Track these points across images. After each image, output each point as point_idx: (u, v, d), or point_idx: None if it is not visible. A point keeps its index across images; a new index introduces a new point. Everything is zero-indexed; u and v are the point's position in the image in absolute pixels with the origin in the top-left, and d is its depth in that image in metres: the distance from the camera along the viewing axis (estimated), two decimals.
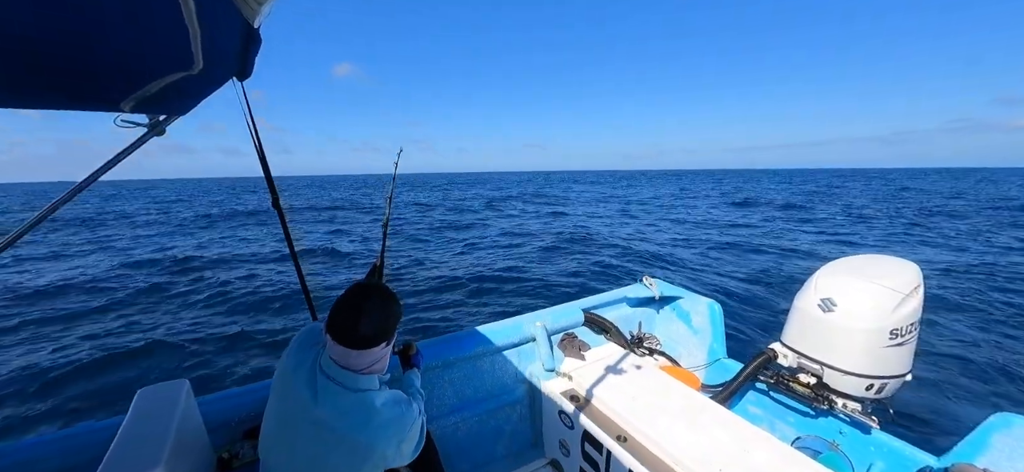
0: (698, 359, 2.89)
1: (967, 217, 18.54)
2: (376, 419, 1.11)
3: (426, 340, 2.37)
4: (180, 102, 1.45)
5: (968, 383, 4.59)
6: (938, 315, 6.25)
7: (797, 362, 2.25)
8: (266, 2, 0.79)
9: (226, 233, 16.21)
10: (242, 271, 9.80)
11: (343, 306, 1.11)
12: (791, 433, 2.28)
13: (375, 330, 1.12)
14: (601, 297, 3.02)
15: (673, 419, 1.76)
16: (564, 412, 2.02)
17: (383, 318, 1.14)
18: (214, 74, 1.18)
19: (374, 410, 1.12)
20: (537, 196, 36.54)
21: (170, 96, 1.31)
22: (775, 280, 8.40)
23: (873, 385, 2.02)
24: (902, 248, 11.82)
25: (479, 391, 2.39)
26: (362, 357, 1.12)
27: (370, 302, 1.12)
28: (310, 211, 25.87)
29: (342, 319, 1.10)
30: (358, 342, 1.10)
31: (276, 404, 1.19)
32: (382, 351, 1.16)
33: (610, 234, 14.58)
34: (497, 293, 8.05)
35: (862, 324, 2.00)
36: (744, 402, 2.56)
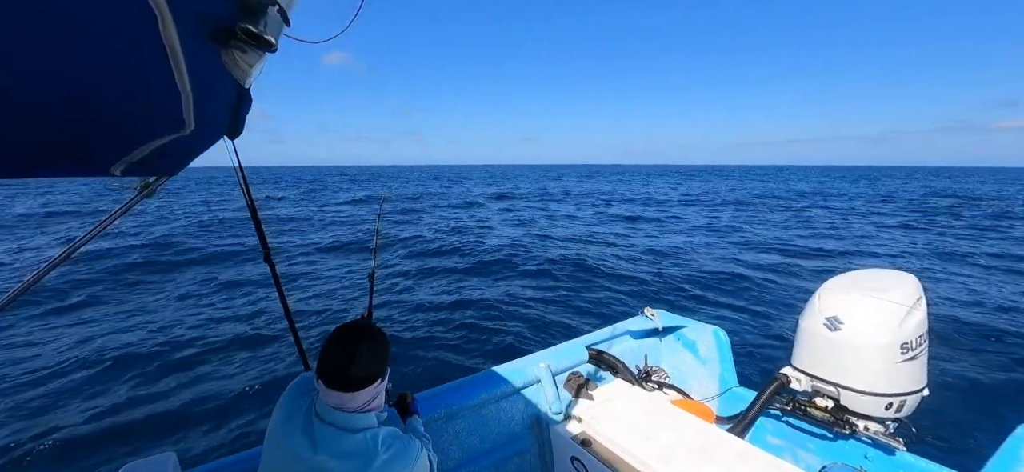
0: (710, 390, 2.80)
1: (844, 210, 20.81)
2: (380, 456, 1.08)
3: (424, 391, 2.28)
4: (171, 163, 1.44)
5: (982, 394, 4.50)
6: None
7: (812, 385, 2.18)
8: (256, 64, 0.79)
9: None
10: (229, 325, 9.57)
11: (332, 351, 1.10)
12: (815, 462, 2.19)
13: (368, 370, 1.10)
14: (603, 332, 2.96)
15: (692, 457, 1.68)
16: (577, 458, 1.93)
17: (374, 356, 1.13)
18: (205, 134, 1.18)
19: (376, 447, 1.09)
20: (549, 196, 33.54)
21: (161, 158, 1.31)
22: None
23: (892, 404, 1.95)
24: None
25: (486, 442, 2.28)
26: (357, 398, 1.10)
27: (359, 343, 1.11)
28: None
29: (333, 364, 1.08)
30: (352, 384, 1.08)
31: (270, 460, 1.13)
32: (377, 388, 1.15)
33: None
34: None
35: (872, 340, 1.95)
36: (762, 432, 2.47)
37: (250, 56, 0.73)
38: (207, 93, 0.87)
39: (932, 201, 27.23)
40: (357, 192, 38.40)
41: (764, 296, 8.24)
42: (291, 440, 1.07)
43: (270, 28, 0.68)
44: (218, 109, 1.02)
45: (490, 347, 6.45)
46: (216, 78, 0.79)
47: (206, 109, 0.96)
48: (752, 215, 20.63)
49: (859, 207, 23.85)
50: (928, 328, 1.99)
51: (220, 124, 1.16)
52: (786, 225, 17.51)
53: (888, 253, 12.31)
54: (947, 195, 33.38)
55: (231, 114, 1.10)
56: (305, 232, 16.31)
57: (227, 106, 1.03)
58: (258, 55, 0.74)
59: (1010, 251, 12.15)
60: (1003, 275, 9.51)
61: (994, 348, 5.64)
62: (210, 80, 0.81)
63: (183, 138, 1.12)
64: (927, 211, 22.04)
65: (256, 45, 0.70)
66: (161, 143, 1.14)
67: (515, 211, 22.69)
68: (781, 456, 1.69)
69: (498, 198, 30.33)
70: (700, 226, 17.42)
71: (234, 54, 0.71)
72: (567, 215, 21.12)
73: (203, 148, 1.35)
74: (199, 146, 1.31)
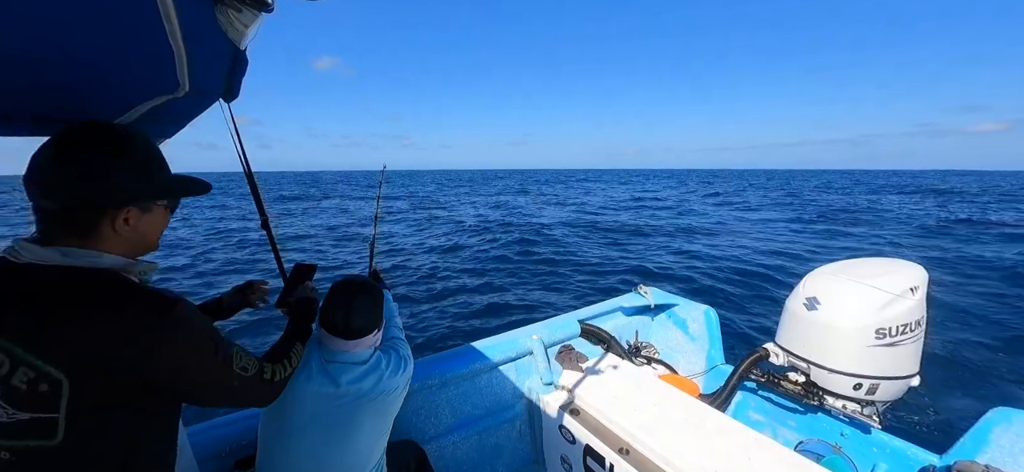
0: (696, 366, 2.87)
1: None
2: (385, 371, 1.28)
3: (420, 359, 2.33)
4: (165, 126, 1.43)
5: (963, 378, 4.64)
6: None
7: (787, 361, 2.26)
8: (252, 24, 0.78)
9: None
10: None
11: (334, 302, 1.25)
12: (793, 437, 2.27)
13: (367, 321, 1.26)
14: (597, 307, 3.01)
15: (675, 429, 1.74)
16: (564, 427, 1.99)
17: (373, 309, 1.28)
18: (200, 97, 1.16)
19: (380, 365, 1.28)
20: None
21: (156, 120, 1.29)
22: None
23: (861, 385, 2.01)
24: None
25: (477, 408, 2.35)
26: (358, 345, 1.25)
27: (358, 296, 1.26)
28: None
29: (336, 316, 1.23)
30: (352, 334, 1.23)
31: (287, 414, 1.22)
32: (374, 338, 1.30)
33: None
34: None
35: (844, 322, 2.01)
36: (745, 408, 2.55)
37: (245, 16, 0.72)
38: (201, 52, 0.86)
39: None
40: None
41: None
42: (310, 384, 1.21)
43: None
44: (213, 70, 1.01)
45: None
46: (210, 37, 0.78)
47: (200, 69, 0.94)
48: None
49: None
50: (922, 319, 1.99)
51: (215, 86, 1.14)
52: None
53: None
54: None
55: (226, 76, 1.08)
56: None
57: (222, 67, 1.01)
58: (253, 15, 0.73)
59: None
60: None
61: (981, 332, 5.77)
62: (204, 39, 0.80)
63: (177, 100, 1.11)
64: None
65: (251, 4, 0.69)
66: (155, 104, 1.13)
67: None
68: (761, 431, 1.75)
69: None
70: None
71: (228, 13, 0.70)
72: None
73: (198, 111, 1.33)
74: (194, 108, 1.29)
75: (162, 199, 0.93)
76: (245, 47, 0.89)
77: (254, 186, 1.56)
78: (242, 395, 0.98)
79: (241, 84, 1.15)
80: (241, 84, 1.15)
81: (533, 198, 31.97)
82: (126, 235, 0.86)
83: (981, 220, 17.49)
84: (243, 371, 0.96)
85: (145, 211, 0.89)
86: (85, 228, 0.82)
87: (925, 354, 2.05)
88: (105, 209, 0.83)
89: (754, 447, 1.62)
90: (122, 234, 0.85)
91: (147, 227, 0.91)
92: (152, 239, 0.95)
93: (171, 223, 1.02)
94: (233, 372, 0.93)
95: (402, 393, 1.35)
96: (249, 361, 0.98)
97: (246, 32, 0.78)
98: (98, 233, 0.83)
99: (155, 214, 0.92)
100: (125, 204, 0.84)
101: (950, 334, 5.74)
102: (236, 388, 0.95)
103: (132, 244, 0.89)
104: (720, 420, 1.80)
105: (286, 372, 1.10)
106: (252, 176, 1.54)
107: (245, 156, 1.46)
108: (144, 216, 0.89)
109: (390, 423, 1.37)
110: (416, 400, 2.20)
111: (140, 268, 0.89)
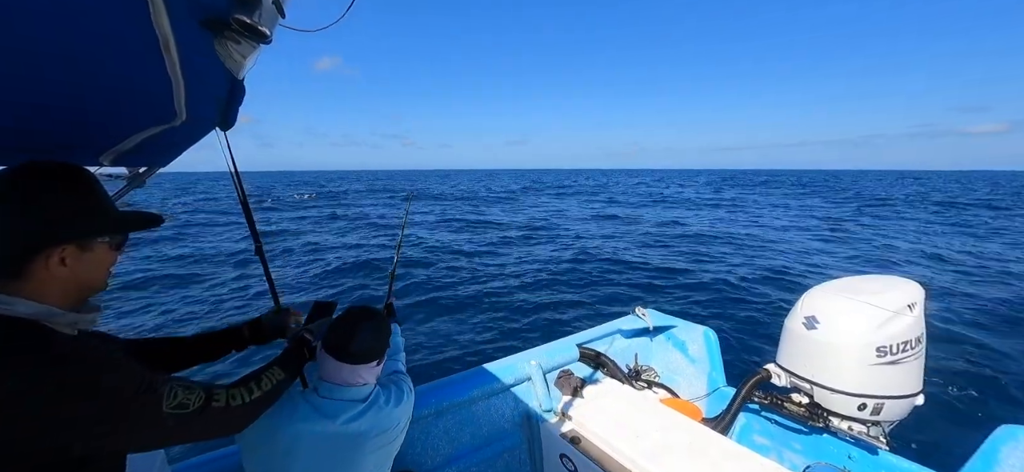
0: (698, 389, 2.83)
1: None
2: (383, 407, 1.24)
3: (416, 387, 2.28)
4: (161, 154, 1.43)
5: (969, 396, 4.59)
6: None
7: (790, 381, 2.23)
8: (251, 55, 0.79)
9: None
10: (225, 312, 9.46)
11: (338, 325, 1.23)
12: (800, 461, 2.22)
13: (368, 347, 1.22)
14: (594, 331, 2.98)
15: (680, 455, 1.70)
16: (566, 455, 1.94)
17: (375, 337, 1.25)
18: (197, 125, 1.17)
19: (379, 399, 1.24)
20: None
21: (151, 148, 1.29)
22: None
23: (866, 404, 1.98)
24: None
25: (476, 438, 2.29)
26: (355, 373, 1.21)
27: (364, 322, 1.24)
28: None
29: (338, 337, 1.21)
30: (350, 357, 1.19)
31: (279, 457, 1.14)
32: (373, 370, 1.26)
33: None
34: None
35: (845, 341, 1.99)
36: (750, 432, 2.50)
37: (244, 47, 0.72)
38: (199, 83, 0.86)
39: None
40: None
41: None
42: (306, 425, 1.15)
43: (264, 19, 0.68)
44: (210, 100, 1.02)
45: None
46: (208, 68, 0.79)
47: (198, 100, 0.95)
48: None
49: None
50: (921, 335, 1.99)
51: (212, 115, 1.15)
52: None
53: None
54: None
55: (223, 105, 1.09)
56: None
57: (219, 97, 1.02)
58: (252, 46, 0.73)
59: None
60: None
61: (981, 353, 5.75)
62: (202, 70, 0.80)
63: (174, 129, 1.11)
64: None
65: (250, 36, 0.69)
66: (151, 133, 1.13)
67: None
68: (767, 455, 1.72)
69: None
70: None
71: (227, 45, 0.70)
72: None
73: (195, 139, 1.34)
74: (191, 137, 1.30)
75: (103, 235, 0.83)
76: (242, 77, 0.89)
77: (248, 213, 1.56)
78: (189, 434, 0.85)
79: (238, 113, 1.16)
80: (238, 113, 1.16)
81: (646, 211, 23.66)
82: (62, 277, 0.77)
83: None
84: (181, 408, 0.82)
85: (84, 249, 0.79)
86: (13, 270, 0.74)
87: (927, 372, 2.03)
88: (36, 248, 0.74)
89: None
90: (57, 276, 0.76)
91: (87, 268, 0.81)
92: (95, 281, 0.85)
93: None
94: (162, 413, 0.79)
95: (404, 428, 1.31)
96: (191, 395, 0.85)
97: (244, 63, 0.79)
98: (28, 274, 0.74)
99: (97, 253, 0.82)
100: (59, 242, 0.75)
101: (951, 350, 5.73)
102: (171, 429, 0.81)
103: (70, 287, 0.79)
104: (725, 445, 1.76)
105: (251, 395, 0.98)
106: (247, 203, 1.53)
107: (240, 184, 1.46)
108: (83, 255, 0.79)
109: (391, 460, 1.33)
110: (413, 431, 2.14)
111: (70, 319, 0.78)
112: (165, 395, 0.81)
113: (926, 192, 42.75)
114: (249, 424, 0.99)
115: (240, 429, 0.98)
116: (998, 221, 19.44)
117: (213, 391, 0.91)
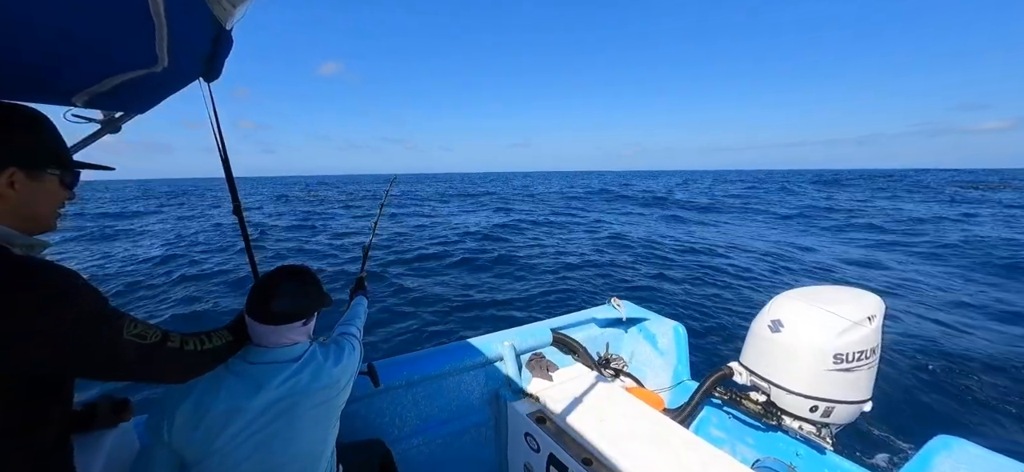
0: (663, 381, 2.93)
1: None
2: (324, 363, 1.19)
3: (387, 359, 2.30)
4: (139, 100, 1.38)
5: (912, 405, 4.88)
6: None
7: (750, 380, 2.34)
8: (240, 3, 0.77)
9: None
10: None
11: (261, 285, 1.16)
12: (751, 455, 2.34)
13: (292, 306, 1.15)
14: (570, 317, 3.04)
15: (639, 443, 1.77)
16: (530, 434, 2.00)
17: (300, 294, 1.18)
18: (179, 74, 1.13)
19: (317, 357, 1.19)
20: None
21: (128, 93, 1.25)
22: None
23: (818, 407, 2.10)
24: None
25: (444, 412, 2.33)
26: (279, 334, 1.14)
27: (286, 280, 1.17)
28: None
29: (259, 297, 1.14)
30: (273, 318, 1.12)
31: (207, 441, 1.07)
32: (300, 329, 1.19)
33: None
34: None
35: (804, 346, 2.09)
36: (707, 425, 2.62)
37: None
38: (183, 29, 0.84)
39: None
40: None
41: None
42: (223, 402, 1.07)
43: None
44: (194, 48, 0.99)
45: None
46: (194, 14, 0.77)
47: (181, 46, 0.92)
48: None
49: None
50: (876, 346, 2.10)
51: (196, 64, 1.11)
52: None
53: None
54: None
55: (209, 55, 1.06)
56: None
57: (205, 46, 0.99)
58: None
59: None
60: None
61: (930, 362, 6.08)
62: (188, 15, 0.78)
63: (154, 74, 1.08)
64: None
65: None
66: (130, 77, 1.10)
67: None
68: (721, 447, 1.81)
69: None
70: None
71: None
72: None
73: (176, 88, 1.30)
74: (171, 85, 1.26)
75: (52, 167, 0.87)
76: (231, 27, 0.87)
77: (229, 170, 1.53)
78: (143, 366, 0.87)
79: (224, 64, 1.13)
80: (224, 64, 1.13)
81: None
82: (11, 199, 0.81)
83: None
84: (139, 337, 0.86)
85: (32, 177, 0.83)
86: None
87: (877, 379, 2.16)
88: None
89: (713, 463, 1.66)
90: (6, 197, 0.80)
91: (36, 196, 0.85)
92: (42, 212, 0.88)
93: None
94: (123, 339, 0.83)
95: (347, 386, 1.27)
96: (148, 330, 0.89)
97: (234, 11, 0.78)
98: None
99: (46, 183, 0.87)
100: (7, 164, 0.79)
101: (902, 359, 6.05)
102: (131, 360, 0.84)
103: (18, 211, 0.83)
104: (682, 435, 1.84)
105: (203, 346, 1.00)
106: (227, 161, 1.50)
107: (222, 139, 1.43)
108: (31, 183, 0.83)
109: (335, 418, 1.28)
110: (382, 401, 2.17)
111: (25, 241, 0.83)
112: (126, 323, 0.85)
113: None
114: (197, 375, 1.03)
115: (186, 378, 1.01)
116: None
117: (169, 333, 0.94)
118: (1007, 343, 6.35)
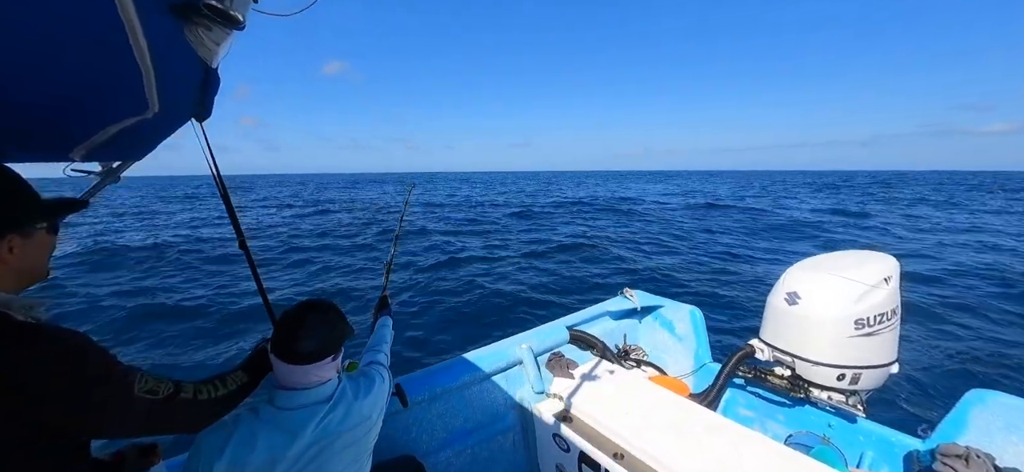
0: (685, 366, 2.90)
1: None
2: (354, 401, 1.16)
3: (409, 374, 2.30)
4: (135, 147, 1.39)
5: (942, 363, 4.79)
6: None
7: (773, 355, 2.30)
8: (223, 43, 0.76)
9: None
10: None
11: (282, 326, 1.12)
12: (782, 431, 2.31)
13: (319, 343, 1.11)
14: (583, 313, 3.02)
15: (667, 430, 1.74)
16: (559, 435, 1.98)
17: (325, 328, 1.14)
18: (171, 117, 1.13)
19: (347, 394, 1.16)
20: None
21: (124, 141, 1.26)
22: None
23: (845, 375, 2.06)
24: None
25: (469, 422, 2.32)
26: (307, 374, 1.10)
27: (309, 315, 1.13)
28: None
29: (284, 337, 1.10)
30: (301, 358, 1.09)
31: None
32: (329, 366, 1.15)
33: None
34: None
35: (825, 315, 2.05)
36: (735, 406, 2.58)
37: (216, 33, 0.70)
38: (171, 73, 0.84)
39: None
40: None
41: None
42: (260, 453, 1.03)
43: (236, 3, 0.66)
44: (184, 90, 0.99)
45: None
46: (180, 57, 0.76)
47: (171, 90, 0.92)
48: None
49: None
50: (897, 307, 2.05)
51: (187, 106, 1.11)
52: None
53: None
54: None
55: (198, 95, 1.06)
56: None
57: (193, 87, 0.99)
58: (224, 32, 0.71)
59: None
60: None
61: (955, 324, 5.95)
62: (173, 59, 0.78)
63: (147, 121, 1.08)
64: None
65: (222, 22, 0.67)
66: (124, 125, 1.10)
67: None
68: (751, 426, 1.78)
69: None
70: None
71: (198, 31, 0.68)
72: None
73: (170, 131, 1.30)
74: (165, 128, 1.26)
75: (40, 222, 0.89)
76: (217, 65, 0.87)
77: (230, 207, 1.53)
78: (157, 421, 0.88)
79: (214, 102, 1.13)
80: (214, 102, 1.13)
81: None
82: (12, 264, 0.83)
83: None
84: (151, 393, 0.87)
85: (27, 237, 0.86)
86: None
87: (902, 340, 2.11)
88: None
89: (744, 443, 1.63)
90: (8, 263, 0.83)
91: (31, 254, 0.87)
92: (38, 266, 0.91)
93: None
94: (134, 395, 0.84)
95: (377, 421, 1.24)
96: (159, 384, 0.90)
97: (217, 50, 0.77)
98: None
99: (37, 238, 0.89)
100: (5, 233, 0.82)
101: (926, 320, 5.93)
102: (141, 412, 0.85)
103: (18, 274, 0.86)
104: (710, 418, 1.81)
105: (217, 392, 1.00)
106: (228, 197, 1.50)
107: (219, 176, 1.42)
108: (26, 242, 0.86)
109: (369, 452, 1.26)
110: (408, 416, 2.16)
111: (24, 303, 0.84)
112: (137, 379, 0.86)
113: None
114: (212, 422, 1.01)
115: (202, 426, 1.00)
116: None
117: (181, 384, 0.95)
118: None
